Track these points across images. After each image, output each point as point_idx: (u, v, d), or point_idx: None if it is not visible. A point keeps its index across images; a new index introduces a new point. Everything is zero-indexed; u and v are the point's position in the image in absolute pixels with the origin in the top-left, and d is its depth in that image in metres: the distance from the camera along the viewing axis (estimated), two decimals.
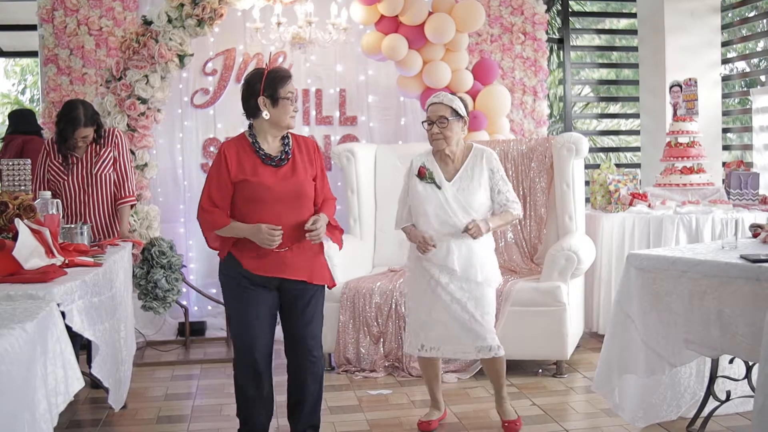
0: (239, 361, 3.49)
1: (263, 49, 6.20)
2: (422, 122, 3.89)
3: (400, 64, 5.94)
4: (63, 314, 2.68)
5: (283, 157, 3.41)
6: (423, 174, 3.84)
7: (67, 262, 3.33)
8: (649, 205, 5.71)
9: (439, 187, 3.80)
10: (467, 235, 3.76)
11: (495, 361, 3.90)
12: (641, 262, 3.63)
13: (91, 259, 3.52)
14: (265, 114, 3.36)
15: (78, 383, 2.44)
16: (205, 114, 6.28)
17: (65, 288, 2.81)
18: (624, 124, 10.02)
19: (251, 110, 3.41)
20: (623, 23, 11.00)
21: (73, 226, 3.90)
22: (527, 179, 5.54)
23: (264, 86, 3.34)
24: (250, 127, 3.47)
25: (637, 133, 7.95)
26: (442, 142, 3.80)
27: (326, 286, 3.56)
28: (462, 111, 3.82)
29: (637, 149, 8.02)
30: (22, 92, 14.53)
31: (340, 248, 3.70)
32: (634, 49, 7.61)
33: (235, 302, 3.46)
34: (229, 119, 6.26)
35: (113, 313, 3.62)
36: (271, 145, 3.43)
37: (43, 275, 2.93)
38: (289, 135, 3.50)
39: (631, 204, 5.74)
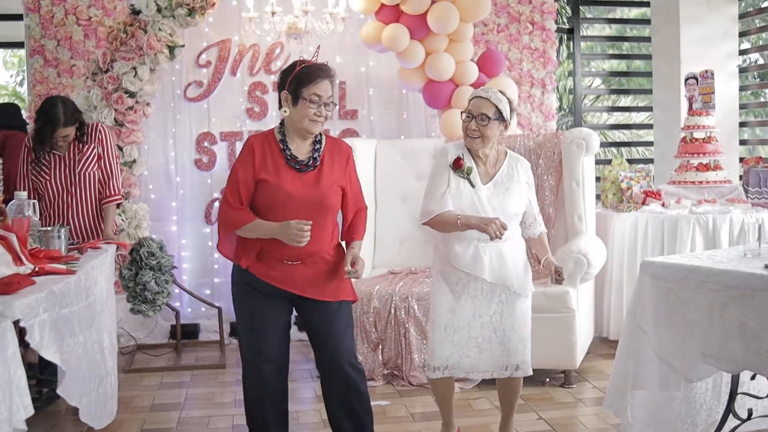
0: (248, 374, 3.24)
1: (259, 39, 5.98)
2: (461, 113, 3.52)
3: (401, 56, 5.67)
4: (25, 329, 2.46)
5: (310, 162, 3.13)
6: (460, 166, 3.45)
7: (37, 269, 3.10)
8: (663, 204, 5.44)
9: (473, 186, 3.46)
10: (495, 239, 3.35)
11: (517, 379, 3.61)
12: (656, 271, 3.36)
13: (64, 266, 3.28)
14: (284, 110, 3.10)
15: (25, 412, 2.20)
16: (198, 107, 6.03)
17: (28, 301, 2.58)
18: (635, 118, 9.72)
19: (280, 103, 3.16)
20: (635, 12, 10.68)
21: (50, 228, 3.65)
22: (535, 176, 5.20)
23: (291, 80, 3.07)
24: (282, 124, 3.19)
25: (649, 126, 7.69)
26: (479, 141, 3.43)
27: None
28: (506, 113, 3.45)
29: (650, 144, 7.76)
30: (21, 83, 14.27)
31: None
32: (647, 39, 7.33)
33: (242, 310, 3.23)
34: (224, 113, 6.05)
35: (90, 324, 3.39)
36: (300, 147, 3.14)
37: (7, 286, 2.69)
38: (324, 138, 3.23)
39: (643, 203, 5.46)
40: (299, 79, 3.07)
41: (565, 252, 4.62)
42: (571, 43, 7.07)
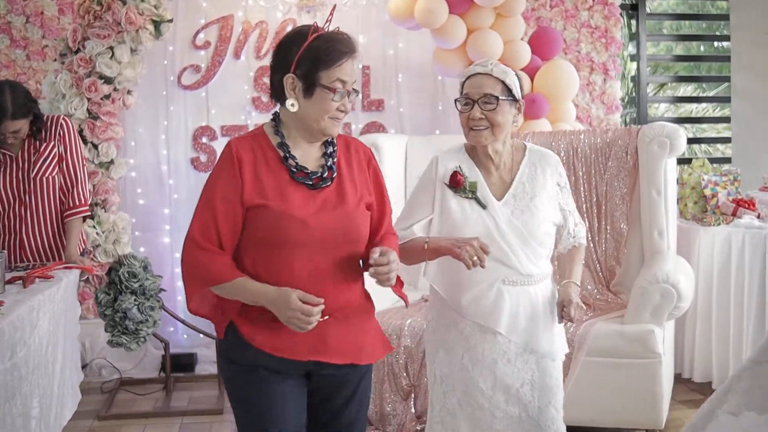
0: None
1: (267, 16, 5.18)
2: (455, 101, 2.58)
3: (437, 34, 4.79)
4: None
5: (326, 173, 2.18)
6: (460, 183, 2.53)
7: None
8: (758, 216, 4.45)
9: (483, 206, 2.53)
10: (528, 281, 2.52)
11: None
12: None
13: None
14: (291, 103, 2.12)
15: None
16: (195, 97, 5.21)
17: None
18: (697, 110, 8.73)
19: (276, 92, 2.18)
20: None
21: None
22: (602, 182, 4.29)
23: (300, 58, 2.10)
24: (276, 119, 2.22)
25: (720, 120, 6.74)
26: (487, 134, 2.49)
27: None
28: (516, 90, 2.52)
29: (720, 140, 6.80)
30: None
31: (407, 305, 2.47)
32: (725, 18, 6.33)
33: (246, 403, 2.19)
34: (225, 103, 5.24)
35: (14, 392, 2.50)
36: (307, 153, 2.20)
37: None
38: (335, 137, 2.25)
39: (734, 214, 4.47)
40: (316, 57, 2.08)
41: (649, 281, 3.65)
42: (635, 21, 6.08)
